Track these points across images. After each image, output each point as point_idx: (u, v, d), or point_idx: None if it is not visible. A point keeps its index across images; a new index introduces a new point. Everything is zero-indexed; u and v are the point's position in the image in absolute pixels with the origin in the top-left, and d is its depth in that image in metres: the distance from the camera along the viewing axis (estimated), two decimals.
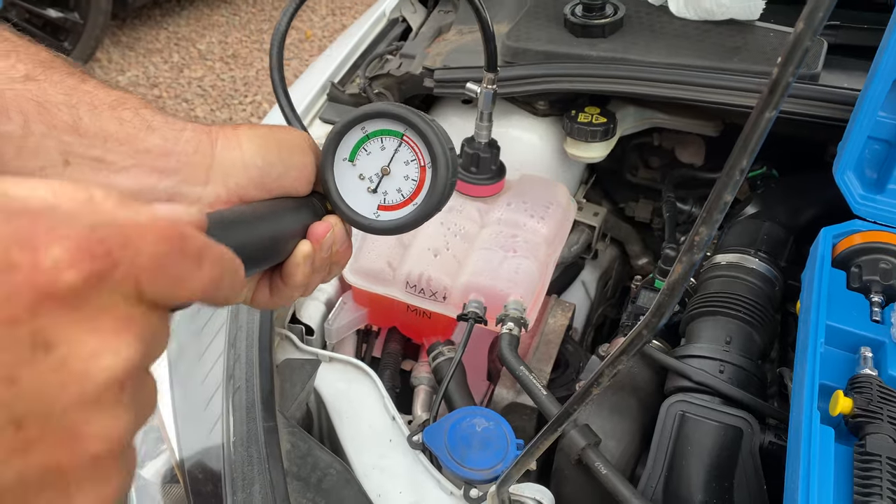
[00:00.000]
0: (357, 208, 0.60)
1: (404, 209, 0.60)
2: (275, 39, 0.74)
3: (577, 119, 1.17)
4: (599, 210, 1.38)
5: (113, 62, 3.71)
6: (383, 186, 0.60)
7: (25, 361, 0.28)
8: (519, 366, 0.91)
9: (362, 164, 0.59)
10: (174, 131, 0.52)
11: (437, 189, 0.59)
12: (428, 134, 0.58)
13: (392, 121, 0.58)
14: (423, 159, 0.59)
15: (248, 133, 0.55)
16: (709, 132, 1.28)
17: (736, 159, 0.48)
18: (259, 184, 0.54)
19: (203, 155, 0.52)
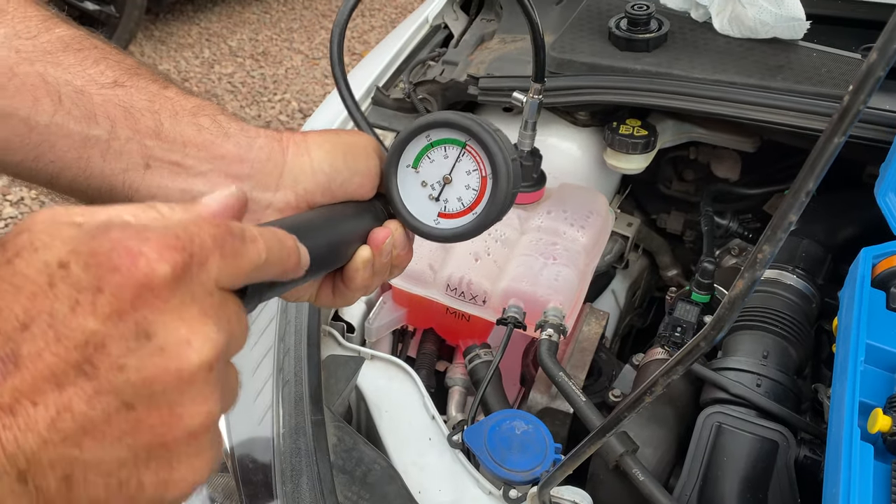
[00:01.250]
0: (418, 215, 0.61)
1: (464, 218, 0.61)
2: (334, 36, 0.75)
3: (618, 131, 1.19)
4: (633, 220, 1.40)
5: (145, 56, 3.76)
6: (445, 194, 0.61)
7: (131, 350, 0.32)
8: (559, 372, 0.93)
9: (425, 172, 0.60)
10: (248, 138, 0.54)
11: (498, 200, 0.60)
12: (490, 145, 0.59)
13: (456, 130, 0.59)
14: (485, 169, 0.60)
15: (316, 139, 0.57)
16: (746, 148, 1.29)
17: (802, 181, 0.49)
18: (326, 189, 0.56)
19: (275, 162, 0.55)
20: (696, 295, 1.08)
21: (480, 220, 0.61)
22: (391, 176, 0.60)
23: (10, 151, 0.49)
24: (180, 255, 0.34)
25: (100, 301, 0.32)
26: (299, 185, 0.55)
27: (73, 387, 0.31)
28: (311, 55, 3.99)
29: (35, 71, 0.49)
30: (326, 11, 4.42)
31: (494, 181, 0.59)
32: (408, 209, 0.61)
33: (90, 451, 0.32)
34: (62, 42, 0.51)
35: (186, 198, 0.52)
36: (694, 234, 1.47)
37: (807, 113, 1.08)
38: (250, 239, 0.39)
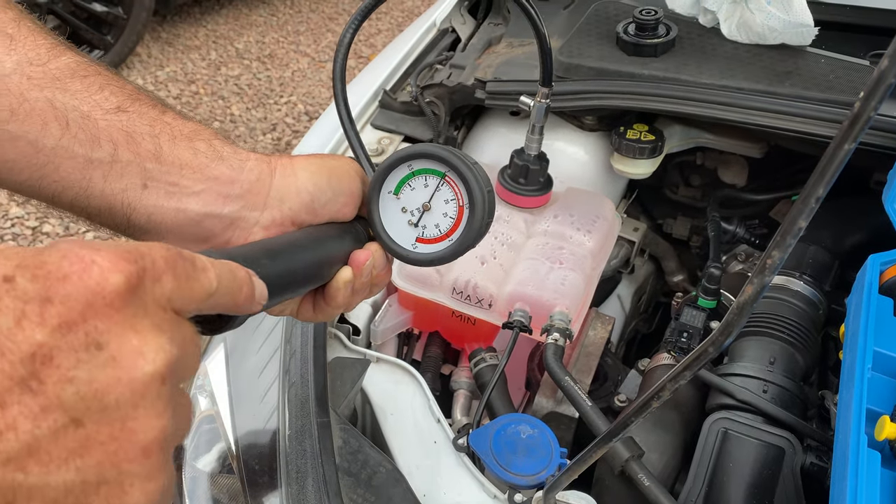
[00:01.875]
0: (397, 239, 0.64)
1: (440, 244, 0.64)
2: (338, 54, 0.77)
3: (625, 135, 1.19)
4: (639, 225, 1.39)
5: (152, 57, 3.77)
6: (423, 221, 0.64)
7: (81, 361, 0.32)
8: (564, 376, 0.93)
9: (406, 199, 0.63)
10: (240, 161, 0.57)
11: (473, 228, 0.63)
12: (468, 177, 0.62)
13: (437, 162, 0.62)
14: (462, 199, 0.63)
15: (302, 162, 0.61)
16: (753, 154, 1.29)
17: (812, 188, 0.49)
18: (310, 208, 0.60)
19: (263, 182, 0.58)
20: (703, 300, 1.08)
21: (456, 247, 0.64)
22: (373, 200, 0.63)
23: (16, 171, 0.51)
24: (134, 267, 0.34)
25: (48, 312, 0.31)
26: (285, 204, 0.58)
27: (17, 405, 0.30)
28: (317, 58, 4.00)
29: (44, 96, 0.51)
30: (333, 14, 4.44)
31: (471, 211, 0.63)
32: (388, 233, 0.64)
33: (35, 475, 0.30)
34: (69, 69, 0.53)
35: (181, 216, 0.55)
36: (700, 239, 1.47)
37: (815, 119, 1.08)
38: (201, 267, 0.39)
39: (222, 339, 0.92)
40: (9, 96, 0.50)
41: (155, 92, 3.56)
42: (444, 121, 1.27)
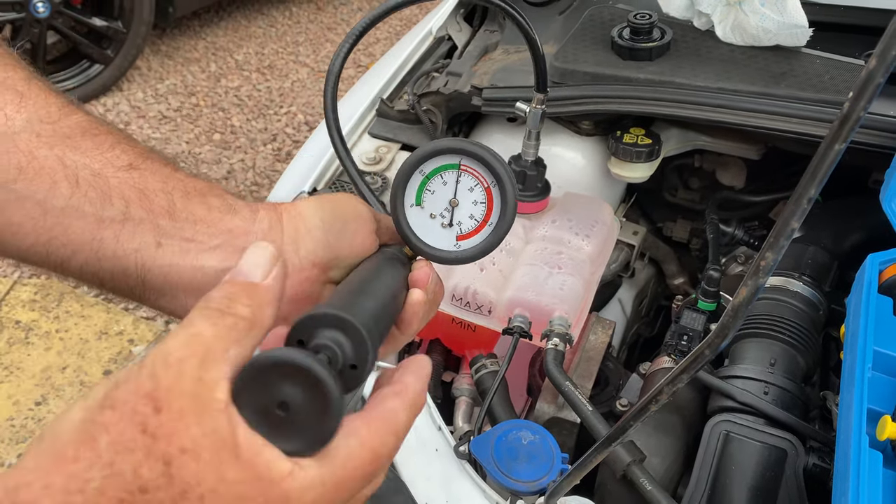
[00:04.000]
0: (438, 245, 0.61)
1: (482, 233, 0.61)
2: (328, 84, 0.76)
3: (622, 139, 1.19)
4: (639, 229, 1.39)
5: (153, 70, 3.79)
6: (456, 218, 0.61)
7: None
8: (565, 381, 0.93)
9: (430, 204, 0.61)
10: (251, 212, 0.57)
11: (508, 202, 0.60)
12: (483, 155, 0.59)
13: (446, 155, 0.60)
14: (486, 180, 0.60)
15: (304, 203, 0.60)
16: (751, 155, 1.29)
17: (804, 188, 0.49)
18: (325, 244, 0.58)
19: (275, 230, 0.57)
20: (703, 303, 1.08)
21: (497, 229, 0.61)
22: (400, 219, 0.61)
23: (22, 235, 0.50)
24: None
25: None
26: (300, 248, 0.57)
27: None
28: (316, 68, 4.01)
29: (54, 154, 0.50)
30: (331, 24, 4.45)
31: (499, 187, 0.60)
32: (428, 244, 0.61)
33: None
34: (80, 127, 0.53)
35: (198, 274, 0.53)
36: (700, 242, 1.47)
37: (811, 120, 1.08)
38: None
39: None
40: (17, 154, 0.49)
41: (155, 104, 3.59)
42: (442, 128, 1.27)
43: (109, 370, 2.35)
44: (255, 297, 0.42)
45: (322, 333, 0.44)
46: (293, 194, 1.18)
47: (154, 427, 0.35)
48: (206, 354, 0.38)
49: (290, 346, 0.43)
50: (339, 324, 0.44)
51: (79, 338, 2.43)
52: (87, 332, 2.45)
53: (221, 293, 0.41)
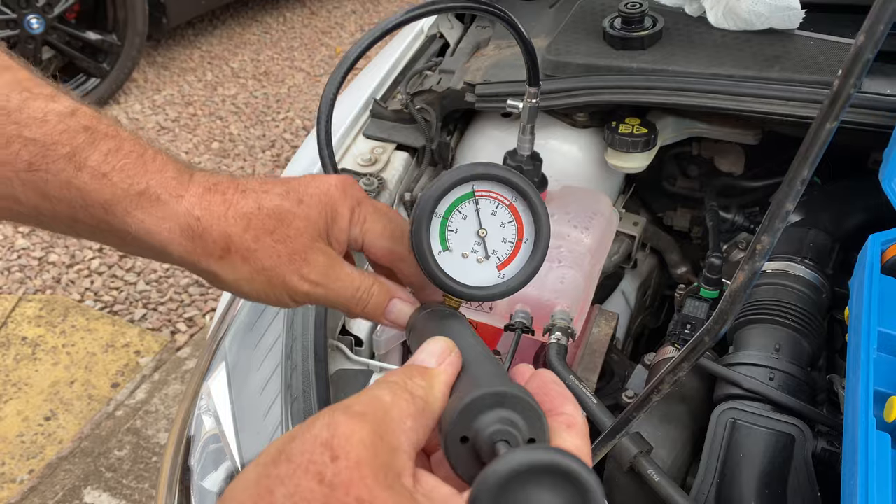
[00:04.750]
0: (483, 283, 0.58)
1: (521, 252, 0.58)
2: (321, 118, 0.75)
3: (617, 130, 1.18)
4: (639, 220, 1.39)
5: (149, 81, 3.79)
6: (489, 247, 0.57)
7: None
8: (569, 375, 0.92)
9: (458, 244, 0.57)
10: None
11: (537, 210, 0.57)
12: (494, 173, 0.56)
13: (456, 189, 0.57)
14: (505, 197, 0.57)
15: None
16: (748, 140, 1.28)
17: (797, 169, 0.49)
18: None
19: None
20: (705, 291, 1.07)
21: (536, 242, 0.58)
22: (436, 273, 0.56)
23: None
24: None
25: None
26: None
27: None
28: (312, 72, 4.01)
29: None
30: (326, 28, 4.45)
31: (521, 196, 0.57)
32: (471, 287, 0.57)
33: None
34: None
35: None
36: (701, 230, 1.46)
37: (806, 102, 1.07)
38: None
39: (223, 356, 0.92)
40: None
41: (153, 115, 3.59)
42: (436, 127, 1.27)
43: (117, 383, 2.35)
44: (428, 378, 0.43)
45: (484, 419, 0.41)
46: None
47: (331, 476, 0.35)
48: (385, 415, 0.39)
49: (453, 443, 0.41)
50: (501, 401, 0.41)
51: (85, 351, 2.44)
52: (93, 346, 2.45)
53: (400, 372, 0.44)
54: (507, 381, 0.43)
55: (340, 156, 1.23)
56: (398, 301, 0.60)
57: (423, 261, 0.56)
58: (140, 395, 2.32)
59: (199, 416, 0.91)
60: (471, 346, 0.49)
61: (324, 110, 0.76)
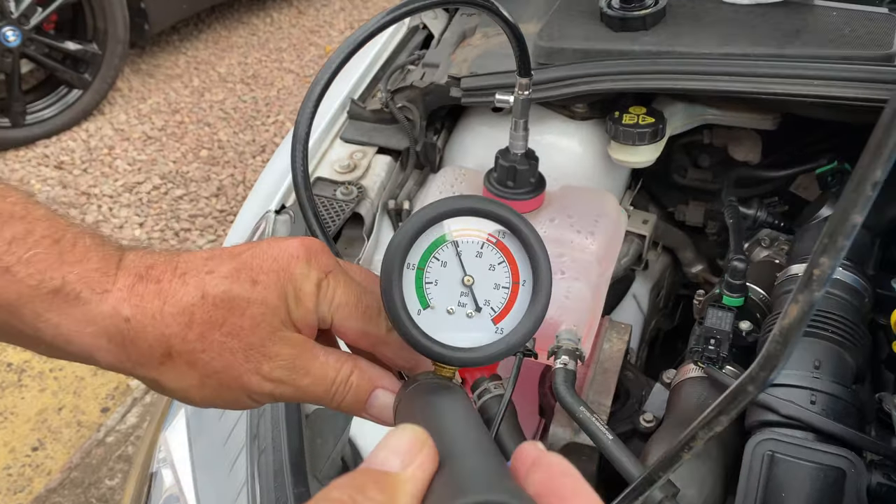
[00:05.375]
0: (479, 343, 0.48)
1: (519, 298, 0.48)
2: (296, 152, 0.64)
3: (621, 121, 1.06)
4: (649, 217, 1.27)
5: (134, 90, 3.68)
6: (480, 297, 0.48)
7: None
8: (579, 406, 0.80)
9: (440, 299, 0.48)
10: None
11: (531, 245, 0.47)
12: (471, 206, 0.47)
13: (426, 232, 0.47)
14: (490, 235, 0.48)
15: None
16: (766, 126, 1.16)
17: (866, 169, 0.37)
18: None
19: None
20: (728, 298, 0.95)
21: (538, 280, 0.48)
22: (415, 337, 0.47)
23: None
24: None
25: None
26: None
27: None
28: (302, 73, 3.89)
29: None
30: (314, 27, 4.33)
31: (510, 230, 0.47)
32: (465, 350, 0.47)
33: None
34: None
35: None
36: (717, 224, 1.34)
37: (833, 80, 0.95)
38: None
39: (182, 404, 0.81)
40: None
41: (139, 125, 3.48)
42: (420, 126, 1.15)
43: (107, 407, 2.25)
44: (388, 489, 0.32)
45: None
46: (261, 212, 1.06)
47: None
48: None
49: None
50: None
51: (74, 375, 2.33)
52: (82, 370, 2.35)
53: (350, 481, 0.33)
54: (500, 481, 0.33)
55: (315, 163, 1.12)
56: (381, 392, 0.50)
57: (399, 324, 0.46)
58: (131, 420, 2.22)
59: (158, 470, 0.79)
60: (459, 430, 0.39)
61: (299, 150, 0.64)
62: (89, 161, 3.23)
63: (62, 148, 3.29)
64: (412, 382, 0.48)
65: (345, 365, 0.49)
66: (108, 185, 3.10)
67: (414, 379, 0.49)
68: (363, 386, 0.49)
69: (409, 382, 0.49)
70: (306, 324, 0.49)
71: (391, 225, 1.13)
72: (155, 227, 2.90)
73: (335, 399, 0.49)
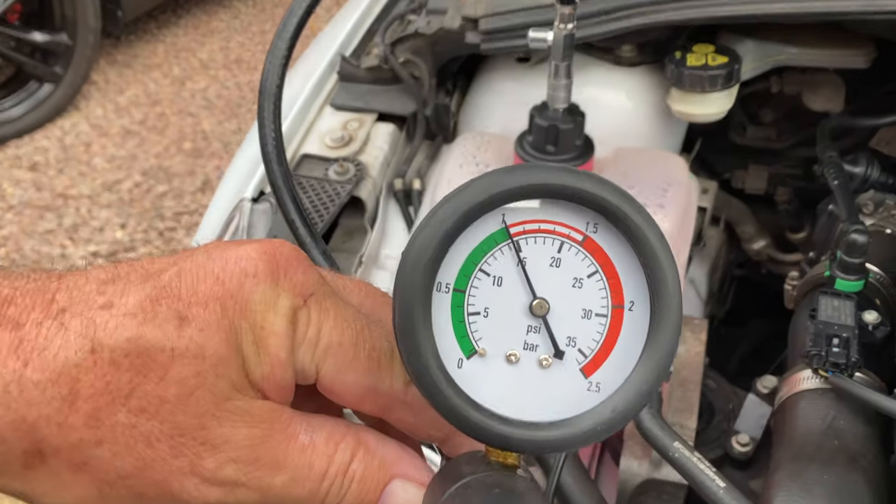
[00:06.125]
0: (566, 411, 0.30)
1: (624, 331, 0.31)
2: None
3: (685, 63, 0.84)
4: (709, 185, 1.05)
5: (110, 83, 3.47)
6: (559, 333, 0.30)
7: None
8: (673, 443, 0.59)
9: (493, 339, 0.31)
10: None
11: (648, 238, 0.30)
12: (547, 182, 0.30)
13: (465, 233, 0.30)
14: (575, 228, 0.30)
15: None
16: (857, 64, 0.94)
17: None
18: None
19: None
20: (843, 282, 0.73)
21: (661, 295, 0.30)
22: (456, 407, 0.29)
23: None
24: None
25: None
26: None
27: None
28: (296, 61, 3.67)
29: None
30: None
31: (610, 218, 0.30)
32: (542, 424, 0.30)
33: None
34: None
35: None
36: (788, 192, 1.12)
37: None
38: None
39: None
40: None
41: (117, 119, 3.26)
42: (429, 85, 0.93)
43: None
44: None
45: None
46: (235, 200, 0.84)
47: None
48: None
49: None
50: None
51: None
52: None
53: None
54: None
55: (301, 137, 0.89)
56: (401, 485, 0.32)
57: (428, 385, 0.29)
58: None
59: None
60: None
61: (268, 110, 0.48)
62: (65, 160, 3.02)
63: (35, 148, 3.07)
64: (454, 476, 0.30)
65: (342, 445, 0.32)
66: (86, 184, 2.89)
67: (457, 470, 0.31)
68: (373, 477, 0.32)
69: (448, 472, 0.31)
70: (275, 383, 0.31)
71: (400, 211, 0.91)
72: (138, 228, 2.70)
73: (328, 502, 0.32)
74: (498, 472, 0.30)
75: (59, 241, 2.64)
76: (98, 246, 2.62)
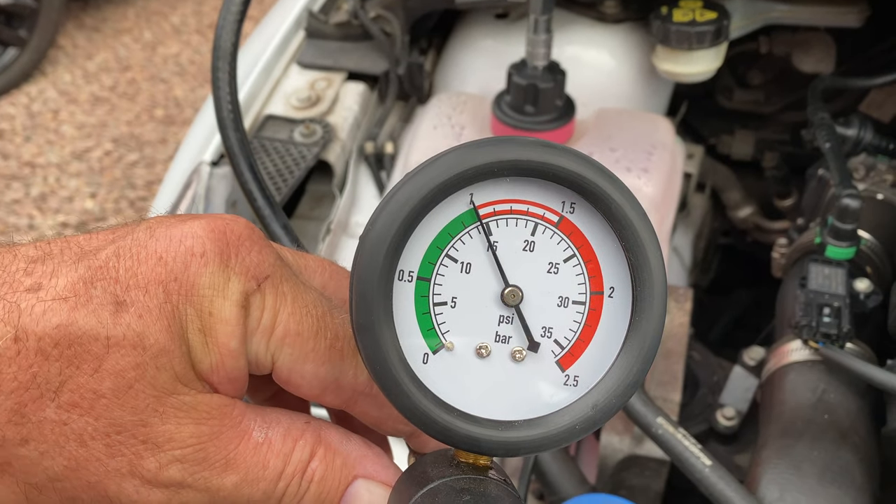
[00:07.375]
0: (541, 408, 0.28)
1: (603, 321, 0.29)
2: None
3: (672, 18, 0.79)
4: (694, 150, 1.02)
5: (79, 48, 3.36)
6: (534, 323, 0.28)
7: None
8: (656, 418, 0.55)
9: (461, 331, 0.28)
10: None
11: (629, 217, 0.28)
12: (514, 160, 0.27)
13: (430, 215, 0.27)
14: (550, 209, 0.28)
15: None
16: (850, 23, 0.90)
17: None
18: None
19: None
20: (835, 249, 0.70)
21: (643, 280, 0.28)
22: (420, 406, 0.27)
23: None
24: None
25: None
26: None
27: None
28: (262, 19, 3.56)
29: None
30: None
31: (586, 196, 0.28)
32: (514, 424, 0.28)
33: None
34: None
35: None
36: (776, 156, 1.09)
37: None
38: None
39: None
40: None
41: (86, 85, 3.16)
42: (402, 42, 0.87)
43: None
44: None
45: None
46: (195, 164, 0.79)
47: None
48: None
49: None
50: None
51: None
52: None
53: None
54: None
55: (266, 96, 0.84)
56: (364, 485, 0.30)
57: (390, 383, 0.27)
58: None
59: None
60: None
61: (223, 69, 0.44)
62: (32, 128, 2.92)
63: (1, 115, 2.97)
64: (421, 479, 0.28)
65: (300, 442, 0.29)
66: (55, 153, 2.80)
67: (424, 472, 0.28)
68: (334, 477, 0.30)
69: (415, 475, 0.29)
70: (225, 375, 0.28)
71: (371, 175, 0.86)
72: (108, 198, 2.62)
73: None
74: (468, 474, 0.27)
75: (27, 210, 2.56)
76: (67, 216, 2.54)
